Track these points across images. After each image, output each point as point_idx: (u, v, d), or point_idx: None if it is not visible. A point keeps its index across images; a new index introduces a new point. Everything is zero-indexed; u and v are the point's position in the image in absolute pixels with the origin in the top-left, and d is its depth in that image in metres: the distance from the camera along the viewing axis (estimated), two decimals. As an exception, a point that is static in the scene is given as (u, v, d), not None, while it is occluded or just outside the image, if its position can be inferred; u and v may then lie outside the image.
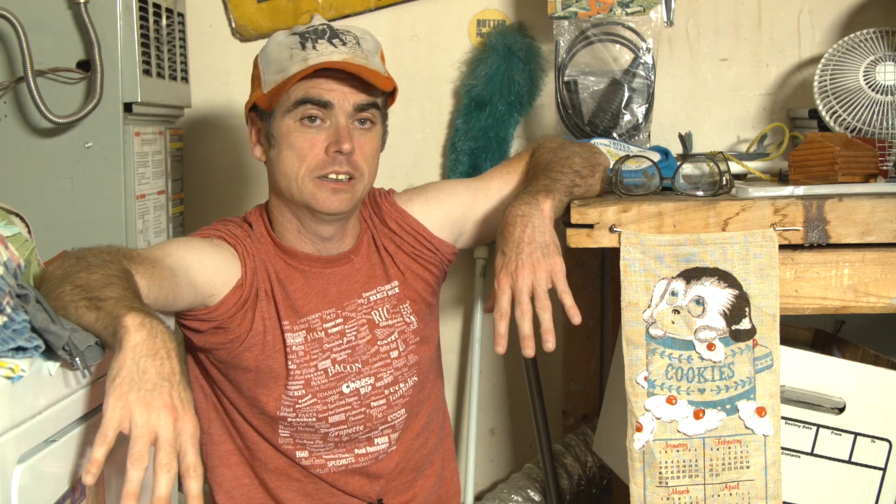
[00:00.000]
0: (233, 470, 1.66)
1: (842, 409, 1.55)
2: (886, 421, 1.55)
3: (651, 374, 1.51)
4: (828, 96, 1.91)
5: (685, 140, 2.04)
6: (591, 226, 1.52)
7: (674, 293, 1.51)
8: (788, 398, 1.55)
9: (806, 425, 1.56)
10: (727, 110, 2.33)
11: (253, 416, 1.62)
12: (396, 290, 1.66)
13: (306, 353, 1.58)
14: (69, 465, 1.18)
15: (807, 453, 1.56)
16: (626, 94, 1.96)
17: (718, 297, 1.51)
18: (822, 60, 1.94)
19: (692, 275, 1.51)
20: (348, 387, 1.61)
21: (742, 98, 2.32)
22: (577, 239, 1.53)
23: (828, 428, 1.55)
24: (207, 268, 1.51)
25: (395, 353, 1.65)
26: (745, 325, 1.51)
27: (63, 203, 1.87)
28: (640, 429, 1.51)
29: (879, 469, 1.56)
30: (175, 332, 1.51)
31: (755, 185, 1.65)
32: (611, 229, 1.52)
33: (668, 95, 2.30)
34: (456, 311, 2.39)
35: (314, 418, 1.59)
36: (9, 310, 1.13)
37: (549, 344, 1.41)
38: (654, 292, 1.51)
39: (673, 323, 1.51)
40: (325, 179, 1.52)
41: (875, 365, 1.59)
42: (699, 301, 1.51)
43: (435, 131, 2.35)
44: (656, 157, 1.74)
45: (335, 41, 1.53)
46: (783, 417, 1.54)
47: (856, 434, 1.55)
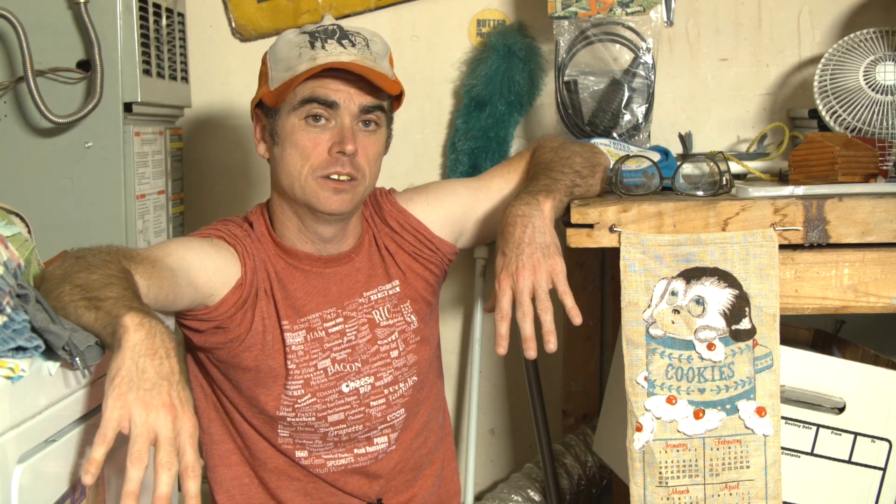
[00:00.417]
0: (233, 469, 1.66)
1: (842, 409, 1.55)
2: (886, 421, 1.55)
3: (651, 373, 1.51)
4: (828, 96, 1.91)
5: (685, 140, 2.04)
6: (591, 226, 1.52)
7: (674, 293, 1.51)
8: (788, 398, 1.55)
9: (806, 425, 1.56)
10: (727, 110, 2.33)
11: (252, 416, 1.62)
12: (397, 289, 1.66)
13: (306, 352, 1.58)
14: (69, 465, 1.18)
15: (807, 453, 1.56)
16: (626, 94, 1.96)
17: (718, 296, 1.51)
18: (822, 60, 1.94)
19: (692, 275, 1.51)
20: (348, 386, 1.61)
21: (742, 98, 2.32)
22: (577, 239, 1.53)
23: (828, 428, 1.55)
24: (207, 268, 1.51)
25: (395, 353, 1.65)
26: (745, 324, 1.51)
27: (63, 203, 1.87)
28: (640, 429, 1.51)
29: (879, 469, 1.56)
30: (175, 332, 1.51)
31: (755, 185, 1.65)
32: (611, 229, 1.52)
33: (668, 95, 2.29)
34: (456, 311, 2.39)
35: (313, 417, 1.59)
36: (9, 310, 1.13)
37: (551, 345, 1.41)
38: (654, 292, 1.51)
39: (673, 323, 1.51)
40: (327, 179, 1.53)
41: (875, 365, 1.59)
42: (699, 301, 1.51)
43: (435, 131, 2.35)
44: (656, 156, 1.74)
45: (344, 42, 1.54)
46: (783, 417, 1.54)
47: (856, 434, 1.55)
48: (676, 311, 1.51)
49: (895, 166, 1.68)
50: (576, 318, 1.43)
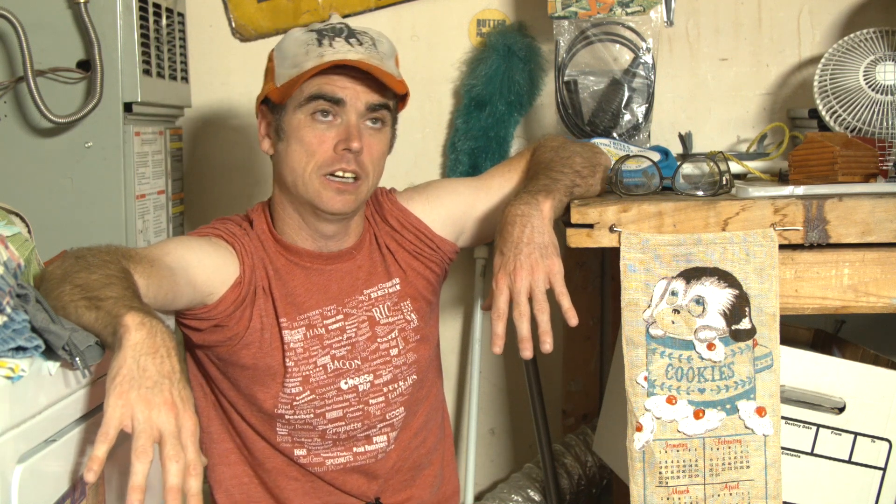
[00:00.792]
0: (232, 468, 1.66)
1: (842, 409, 1.55)
2: (886, 421, 1.55)
3: (651, 373, 1.51)
4: (828, 96, 1.91)
5: (685, 140, 2.04)
6: (591, 226, 1.52)
7: (674, 293, 1.51)
8: (788, 398, 1.55)
9: (806, 425, 1.56)
10: (727, 110, 2.33)
11: (251, 415, 1.62)
12: (397, 287, 1.66)
13: (305, 349, 1.58)
14: (69, 465, 1.18)
15: (807, 453, 1.56)
16: (626, 94, 1.96)
17: (718, 296, 1.51)
18: (822, 60, 1.94)
19: (692, 275, 1.51)
20: (346, 383, 1.61)
21: (742, 98, 2.32)
22: (577, 239, 1.53)
23: (828, 428, 1.55)
24: (206, 266, 1.51)
25: (394, 351, 1.65)
26: (744, 324, 1.51)
27: (63, 203, 1.87)
28: (640, 429, 1.51)
29: (879, 469, 1.56)
30: (175, 331, 1.51)
31: (755, 184, 1.65)
32: (611, 229, 1.52)
33: (668, 95, 2.29)
34: (456, 311, 2.39)
35: (311, 414, 1.59)
36: (9, 310, 1.13)
37: (547, 345, 1.40)
38: (653, 292, 1.51)
39: (673, 323, 1.51)
40: (331, 178, 1.53)
41: (875, 365, 1.59)
42: (699, 301, 1.51)
43: (435, 131, 2.35)
44: (656, 156, 1.74)
45: (352, 40, 1.54)
46: (783, 417, 1.54)
47: (856, 434, 1.55)
48: (676, 311, 1.51)
49: (895, 166, 1.68)
50: (572, 320, 1.43)
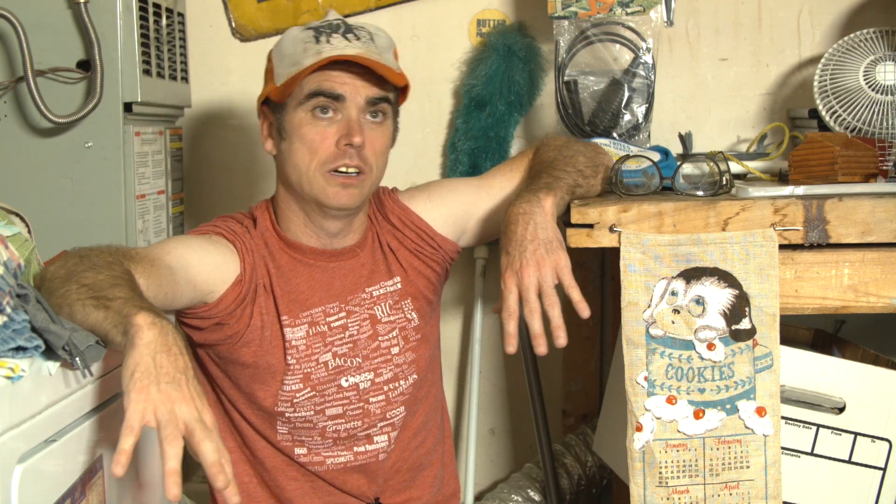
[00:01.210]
0: (232, 467, 1.65)
1: (842, 409, 1.55)
2: (886, 421, 1.55)
3: (651, 373, 1.51)
4: (828, 96, 1.91)
5: (685, 140, 2.04)
6: (591, 226, 1.52)
7: (674, 293, 1.51)
8: (788, 398, 1.55)
9: (806, 425, 1.56)
10: (727, 110, 2.33)
11: (251, 414, 1.62)
12: (399, 285, 1.66)
13: (308, 346, 1.59)
14: (69, 464, 1.18)
15: (807, 453, 1.56)
16: (626, 94, 1.96)
17: (718, 296, 1.51)
18: (822, 60, 1.94)
19: (692, 275, 1.51)
20: (347, 381, 1.61)
21: (742, 98, 2.32)
22: (577, 239, 1.53)
23: (828, 428, 1.55)
24: (206, 265, 1.51)
25: (395, 350, 1.65)
26: (745, 324, 1.51)
27: (63, 203, 1.87)
28: (640, 429, 1.51)
29: (879, 469, 1.56)
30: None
31: (755, 184, 1.65)
32: (611, 229, 1.52)
33: (668, 95, 2.29)
34: (456, 311, 2.39)
35: (311, 411, 1.60)
36: (9, 310, 1.13)
37: (561, 339, 1.40)
38: (653, 292, 1.51)
39: (673, 323, 1.51)
40: (335, 174, 1.53)
41: (875, 365, 1.59)
42: (699, 301, 1.51)
43: (435, 131, 2.35)
44: (656, 156, 1.74)
45: (349, 36, 1.54)
46: (783, 417, 1.54)
47: (856, 434, 1.55)
48: (676, 311, 1.51)
49: (895, 166, 1.68)
50: (584, 311, 1.42)
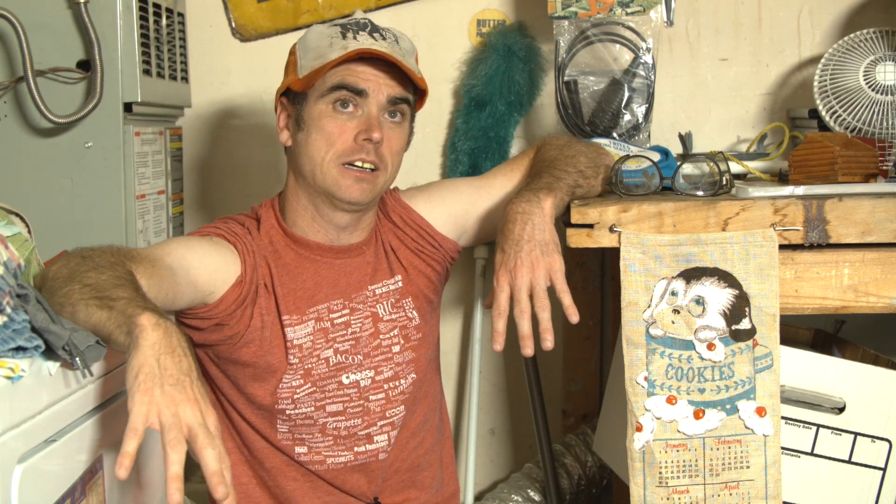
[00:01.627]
0: (231, 468, 1.65)
1: (842, 409, 1.55)
2: (886, 421, 1.55)
3: (651, 374, 1.51)
4: (828, 96, 1.91)
5: (685, 140, 2.04)
6: (591, 226, 1.52)
7: (674, 293, 1.51)
8: (788, 398, 1.55)
9: (806, 425, 1.56)
10: (727, 110, 2.32)
11: (251, 413, 1.62)
12: (400, 284, 1.66)
13: (312, 343, 1.59)
14: (69, 464, 1.18)
15: (807, 453, 1.56)
16: (626, 94, 1.96)
17: (718, 296, 1.51)
18: (822, 60, 1.94)
19: (692, 275, 1.51)
20: (348, 377, 1.61)
21: (742, 98, 2.32)
22: (577, 239, 1.53)
23: (828, 428, 1.55)
24: (207, 266, 1.51)
25: (396, 348, 1.65)
26: (745, 324, 1.51)
27: (63, 203, 1.87)
28: (640, 429, 1.51)
29: (879, 469, 1.56)
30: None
31: (755, 185, 1.65)
32: (611, 229, 1.52)
33: (668, 95, 2.29)
34: (456, 311, 2.39)
35: (312, 408, 1.60)
36: (9, 310, 1.13)
37: (548, 343, 1.41)
38: (654, 292, 1.51)
39: (673, 323, 1.51)
40: (349, 167, 1.54)
41: (875, 365, 1.59)
42: (699, 301, 1.51)
43: (435, 131, 2.35)
44: (656, 157, 1.74)
45: (375, 35, 1.56)
46: (783, 417, 1.54)
47: (856, 434, 1.55)
48: (676, 311, 1.51)
49: (895, 166, 1.68)
50: (573, 317, 1.43)
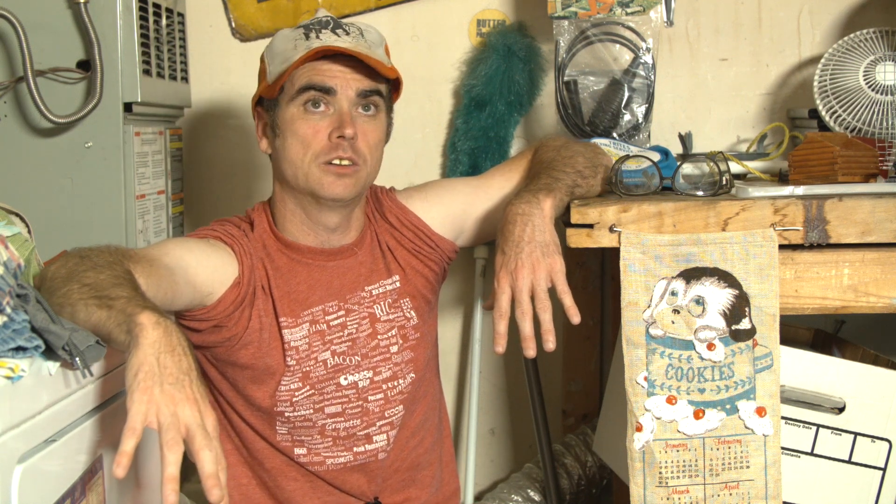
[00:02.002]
0: (230, 469, 1.65)
1: (842, 409, 1.55)
2: (886, 421, 1.55)
3: (651, 374, 1.51)
4: (828, 96, 1.91)
5: (685, 140, 2.04)
6: (591, 226, 1.52)
7: (674, 293, 1.51)
8: (788, 398, 1.55)
9: (806, 425, 1.56)
10: (727, 110, 2.32)
11: (250, 415, 1.62)
12: (397, 284, 1.66)
13: (308, 346, 1.59)
14: (69, 464, 1.18)
15: (807, 453, 1.56)
16: (626, 94, 1.96)
17: (718, 296, 1.51)
18: (822, 60, 1.94)
19: (692, 275, 1.51)
20: (346, 379, 1.61)
21: (742, 98, 2.32)
22: (577, 239, 1.53)
23: (828, 428, 1.55)
24: (205, 267, 1.51)
25: (394, 349, 1.65)
26: (744, 324, 1.51)
27: (63, 203, 1.87)
28: (640, 429, 1.51)
29: (879, 469, 1.56)
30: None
31: (755, 184, 1.65)
32: (611, 229, 1.52)
33: (668, 95, 2.29)
34: (456, 311, 2.39)
35: (311, 410, 1.60)
36: (9, 310, 1.13)
37: (550, 344, 1.41)
38: (653, 292, 1.51)
39: (673, 323, 1.51)
40: (329, 165, 1.54)
41: (875, 365, 1.59)
42: (699, 301, 1.51)
43: (435, 131, 2.35)
44: (656, 156, 1.74)
45: (338, 31, 1.56)
46: (783, 417, 1.54)
47: (856, 434, 1.55)
48: (676, 311, 1.51)
49: (895, 166, 1.68)
50: (574, 317, 1.43)
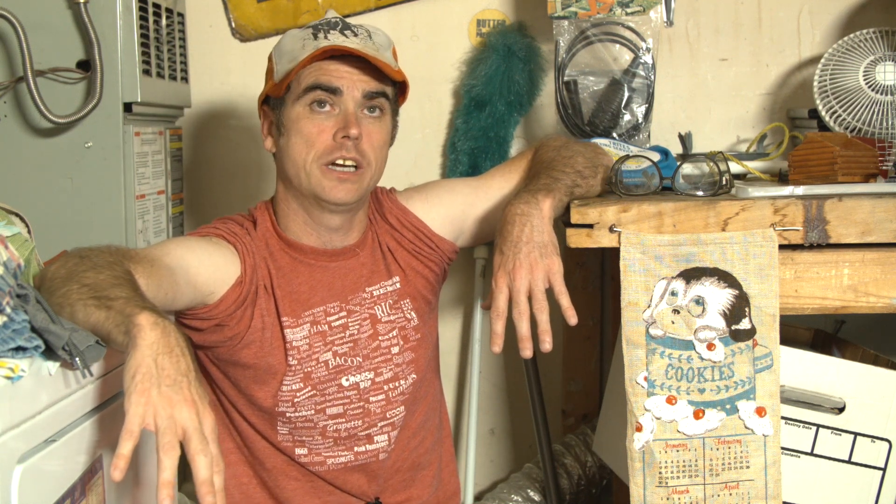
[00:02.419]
0: (231, 468, 1.66)
1: (842, 409, 1.55)
2: (886, 421, 1.55)
3: (651, 374, 1.51)
4: (828, 96, 1.91)
5: (685, 140, 2.04)
6: (591, 226, 1.52)
7: (674, 293, 1.51)
8: (788, 398, 1.55)
9: (806, 425, 1.56)
10: (727, 110, 2.32)
11: (252, 414, 1.62)
12: (398, 285, 1.66)
13: (309, 346, 1.59)
14: (69, 464, 1.18)
15: (807, 453, 1.56)
16: (626, 94, 1.96)
17: (718, 297, 1.51)
18: (822, 60, 1.94)
19: (692, 275, 1.51)
20: (348, 380, 1.62)
21: (742, 98, 2.32)
22: (577, 239, 1.53)
23: (828, 428, 1.55)
24: (207, 266, 1.51)
25: (395, 349, 1.65)
26: (744, 325, 1.51)
27: (63, 203, 1.87)
28: (639, 429, 1.51)
29: (879, 469, 1.56)
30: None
31: (755, 185, 1.65)
32: (611, 229, 1.52)
33: (668, 95, 2.29)
34: (456, 311, 2.39)
35: (312, 411, 1.60)
36: (9, 310, 1.13)
37: (547, 345, 1.41)
38: (653, 292, 1.51)
39: (673, 323, 1.51)
40: (332, 167, 1.53)
41: (875, 365, 1.59)
42: (699, 301, 1.51)
43: (435, 131, 2.35)
44: (656, 157, 1.74)
45: (347, 32, 1.56)
46: (783, 417, 1.54)
47: (856, 434, 1.55)
48: (676, 311, 1.51)
49: (895, 166, 1.68)
50: (571, 319, 1.43)
